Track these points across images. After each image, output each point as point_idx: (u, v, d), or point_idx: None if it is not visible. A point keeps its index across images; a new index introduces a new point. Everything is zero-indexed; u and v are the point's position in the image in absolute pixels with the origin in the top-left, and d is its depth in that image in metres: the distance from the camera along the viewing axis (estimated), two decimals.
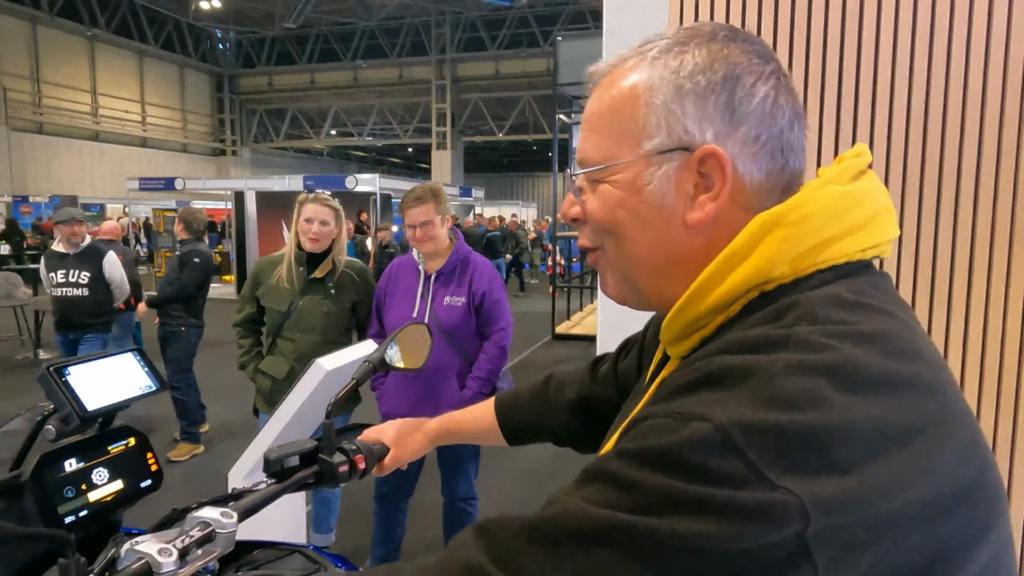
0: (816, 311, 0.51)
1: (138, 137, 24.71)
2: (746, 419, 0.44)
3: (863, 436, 0.44)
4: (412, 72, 26.46)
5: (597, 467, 0.49)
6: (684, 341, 0.61)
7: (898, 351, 0.49)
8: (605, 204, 0.62)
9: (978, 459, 0.49)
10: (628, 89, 0.61)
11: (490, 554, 0.49)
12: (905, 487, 0.44)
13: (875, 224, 0.57)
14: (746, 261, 0.55)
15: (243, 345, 2.71)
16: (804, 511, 0.41)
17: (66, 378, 0.91)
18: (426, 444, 1.20)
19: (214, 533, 0.91)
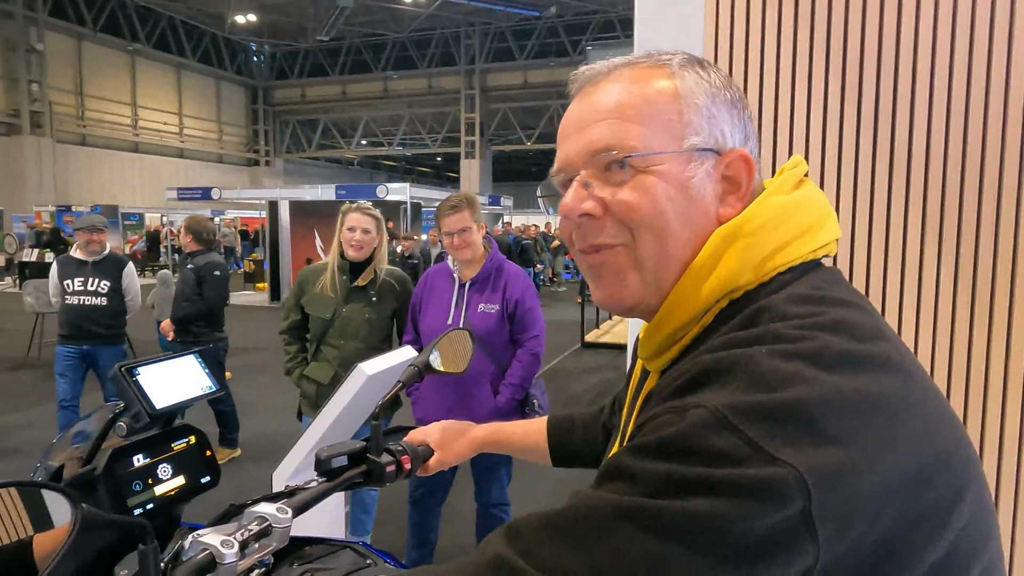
0: (784, 309, 0.55)
1: (175, 148, 25.38)
2: (737, 401, 0.48)
3: (846, 408, 0.47)
4: (441, 82, 26.75)
5: (609, 464, 0.52)
6: (663, 355, 0.64)
7: (866, 335, 0.53)
8: (652, 196, 0.61)
9: (947, 429, 0.52)
10: (666, 88, 0.63)
11: (516, 548, 0.51)
12: (889, 456, 0.47)
13: (821, 227, 0.62)
14: (713, 273, 0.59)
15: (289, 352, 2.79)
16: (804, 484, 0.44)
17: (136, 378, 0.97)
18: (471, 451, 1.23)
19: (270, 527, 0.95)
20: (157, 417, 0.97)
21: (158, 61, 24.37)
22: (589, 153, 0.64)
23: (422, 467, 1.21)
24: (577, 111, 0.67)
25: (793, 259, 0.60)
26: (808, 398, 0.47)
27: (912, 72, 1.71)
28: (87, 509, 0.63)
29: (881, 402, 0.49)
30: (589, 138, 0.64)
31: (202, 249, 4.43)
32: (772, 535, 0.45)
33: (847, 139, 1.75)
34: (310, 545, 1.13)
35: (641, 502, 0.47)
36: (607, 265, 0.65)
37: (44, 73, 20.02)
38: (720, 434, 0.46)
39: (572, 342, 8.99)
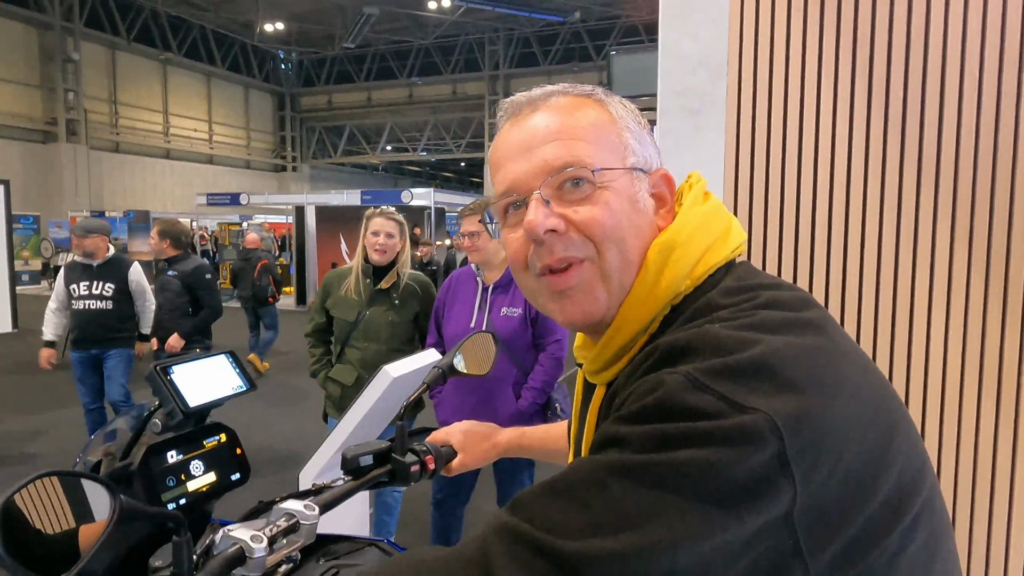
0: (722, 301, 0.61)
1: (205, 154, 25.87)
2: (705, 366, 0.53)
3: (799, 359, 0.54)
4: (466, 88, 26.91)
5: (598, 435, 0.56)
6: (611, 367, 0.67)
7: (796, 305, 0.60)
8: (611, 210, 0.65)
9: (875, 375, 0.59)
10: (602, 114, 0.69)
11: (520, 515, 0.54)
12: (840, 397, 0.53)
13: (733, 230, 0.70)
14: (659, 284, 0.65)
15: (314, 354, 2.84)
16: (776, 427, 0.49)
17: (171, 376, 1.00)
18: (495, 454, 1.25)
19: (298, 524, 0.98)
20: (190, 415, 1.00)
21: (189, 70, 24.89)
22: (544, 172, 0.66)
23: (445, 468, 1.22)
24: (518, 134, 0.69)
25: (719, 260, 0.66)
26: (765, 354, 0.53)
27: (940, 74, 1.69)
28: (125, 500, 0.66)
29: (825, 353, 0.56)
30: (542, 157, 0.66)
31: (181, 254, 4.23)
32: (753, 478, 0.49)
33: (874, 142, 1.74)
34: (336, 542, 1.15)
35: (631, 458, 0.51)
36: (579, 283, 0.66)
37: (80, 82, 20.56)
38: (694, 394, 0.51)
39: None
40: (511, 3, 20.62)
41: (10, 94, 19.26)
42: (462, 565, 0.55)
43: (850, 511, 0.52)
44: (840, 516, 0.51)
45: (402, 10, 22.18)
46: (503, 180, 0.70)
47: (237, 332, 8.12)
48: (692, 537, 0.48)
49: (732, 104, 1.87)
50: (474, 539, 0.56)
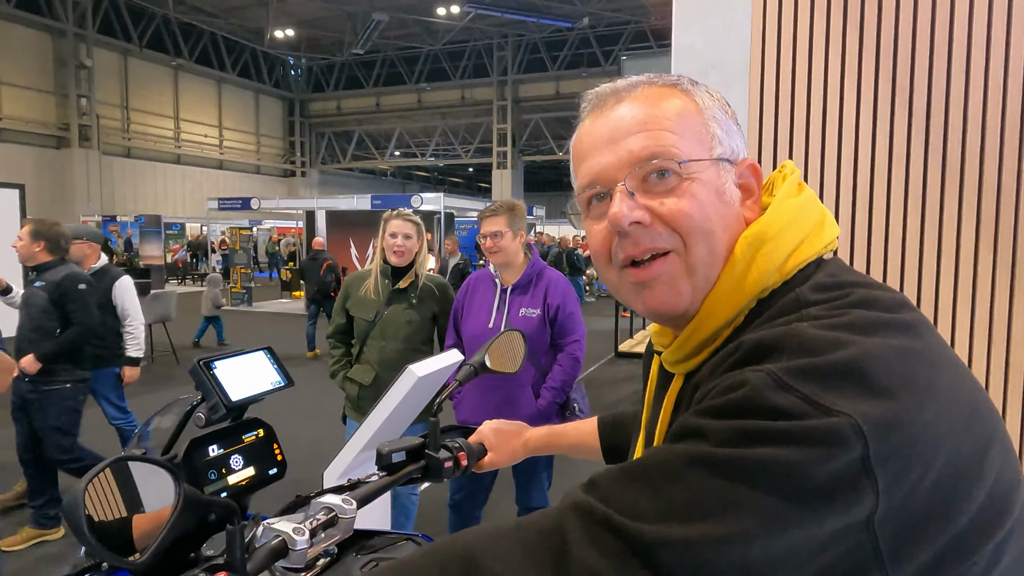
0: (814, 297, 0.60)
1: (215, 160, 26.06)
2: (790, 365, 0.52)
3: (891, 363, 0.51)
4: (474, 94, 27.01)
5: (678, 426, 0.56)
6: (693, 359, 0.67)
7: (891, 306, 0.58)
8: (699, 202, 0.64)
9: (971, 381, 0.57)
10: (690, 103, 0.67)
11: (595, 495, 0.55)
12: (933, 404, 0.51)
13: (825, 224, 0.67)
14: (746, 279, 0.63)
15: (334, 355, 2.87)
16: (860, 431, 0.48)
17: (213, 371, 1.02)
18: (525, 453, 1.26)
19: (336, 518, 0.99)
20: (232, 409, 1.02)
21: (200, 75, 25.11)
22: (630, 164, 0.65)
23: (476, 465, 1.24)
24: (603, 125, 0.68)
25: (810, 255, 0.64)
26: (855, 356, 0.51)
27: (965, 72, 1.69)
28: (188, 488, 0.67)
29: (920, 357, 0.53)
30: (627, 149, 0.65)
31: (55, 260, 3.40)
32: (834, 480, 0.48)
33: (897, 141, 1.74)
34: (371, 538, 1.16)
35: (712, 450, 0.51)
36: (662, 274, 0.65)
37: (92, 88, 20.77)
38: (778, 393, 0.50)
39: (606, 352, 8.96)
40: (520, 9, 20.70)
41: (24, 100, 19.48)
42: (536, 535, 0.55)
43: (939, 521, 0.50)
44: (927, 526, 0.50)
45: (411, 16, 22.30)
46: (587, 172, 0.69)
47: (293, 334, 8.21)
48: (766, 532, 0.48)
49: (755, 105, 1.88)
50: (548, 513, 0.57)
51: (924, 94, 1.72)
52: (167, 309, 7.89)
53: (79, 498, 0.54)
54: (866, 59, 1.76)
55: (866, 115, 1.77)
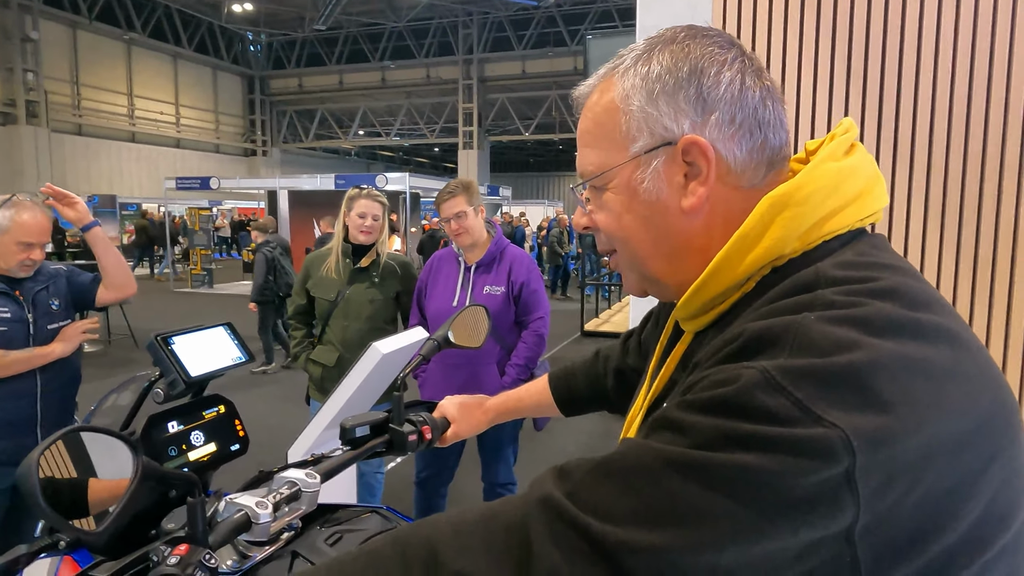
0: (834, 275, 0.55)
1: (172, 138, 25.28)
2: (788, 365, 0.49)
3: (896, 374, 0.48)
4: (439, 72, 26.65)
5: (660, 417, 0.54)
6: (700, 318, 0.66)
7: (916, 303, 0.53)
8: (610, 212, 0.68)
9: (991, 394, 0.52)
10: (607, 103, 0.66)
11: (564, 489, 0.53)
12: (933, 422, 0.48)
13: (869, 194, 0.62)
14: (760, 242, 0.60)
15: (295, 337, 2.84)
16: (849, 445, 0.45)
17: (172, 347, 1.01)
18: (486, 422, 1.27)
19: (300, 492, 0.99)
20: (192, 384, 1.01)
21: (154, 50, 24.22)
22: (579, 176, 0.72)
23: (440, 439, 1.25)
24: None
25: (841, 227, 0.60)
26: (858, 363, 0.48)
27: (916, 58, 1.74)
28: (146, 460, 0.67)
29: (929, 369, 0.49)
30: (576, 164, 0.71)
31: None
32: (815, 493, 0.46)
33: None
34: (335, 511, 1.17)
35: (690, 453, 0.49)
36: (619, 266, 0.73)
37: (39, 62, 19.88)
38: (769, 395, 0.48)
39: (572, 331, 9.05)
40: None
41: None
42: (501, 530, 0.54)
43: (925, 538, 0.48)
44: (912, 541, 0.48)
45: None
46: None
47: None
48: (738, 541, 0.47)
49: None
50: (515, 504, 0.55)
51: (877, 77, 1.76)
52: None
53: (32, 466, 0.54)
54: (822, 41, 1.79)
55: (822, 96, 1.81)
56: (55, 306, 2.21)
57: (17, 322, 2.10)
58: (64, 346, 2.15)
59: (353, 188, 2.80)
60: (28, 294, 2.15)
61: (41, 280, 2.20)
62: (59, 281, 2.26)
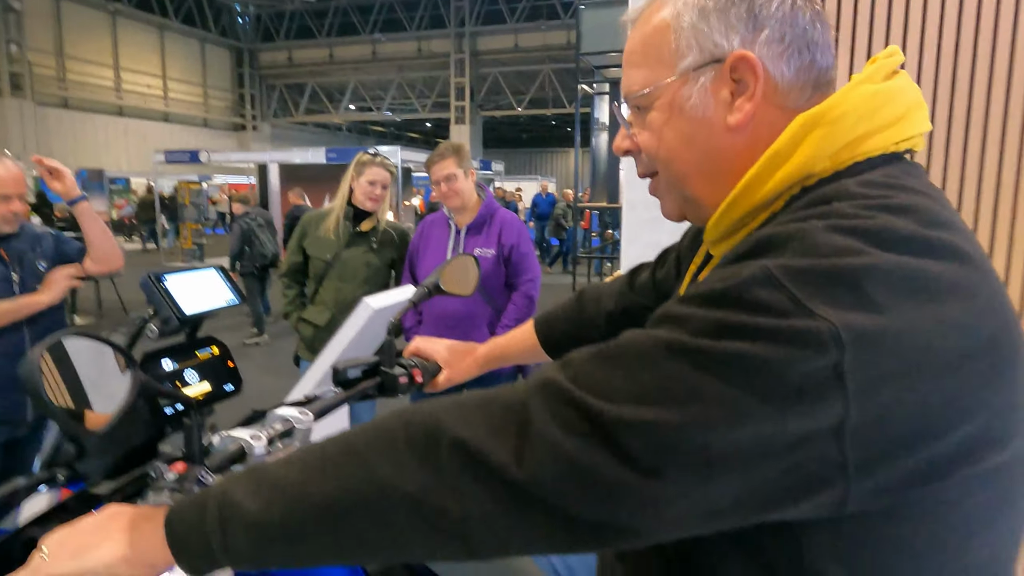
0: (853, 190, 0.57)
1: (160, 112, 24.93)
2: (789, 263, 0.51)
3: (892, 282, 0.49)
4: (431, 46, 26.32)
5: (662, 312, 0.56)
6: (730, 239, 0.68)
7: (931, 222, 0.54)
8: (654, 131, 0.68)
9: (991, 321, 0.52)
10: (658, 21, 0.67)
11: (567, 374, 0.55)
12: (927, 333, 0.49)
13: (908, 119, 0.62)
14: (790, 160, 0.60)
15: (288, 295, 2.86)
16: (839, 338, 0.47)
17: (164, 284, 1.02)
18: (477, 369, 1.30)
19: (293, 428, 1.02)
20: (185, 322, 1.03)
21: (140, 22, 23.77)
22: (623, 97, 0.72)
23: (431, 383, 1.28)
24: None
25: (875, 150, 0.60)
26: (859, 267, 0.49)
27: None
28: (143, 375, 0.69)
29: (930, 283, 0.50)
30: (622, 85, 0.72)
31: None
32: (804, 382, 0.48)
33: None
34: None
35: (687, 339, 0.51)
36: (657, 190, 0.74)
37: (23, 34, 19.50)
38: (767, 289, 0.50)
39: None
40: None
41: None
42: (502, 408, 0.56)
43: (913, 443, 0.50)
44: (900, 446, 0.50)
45: None
46: None
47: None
48: (728, 423, 0.49)
49: None
50: (517, 388, 0.58)
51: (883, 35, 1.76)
52: None
53: (35, 363, 0.56)
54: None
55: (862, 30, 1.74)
56: (42, 268, 2.21)
57: (3, 281, 2.10)
58: (50, 294, 2.15)
59: (364, 153, 2.80)
60: (13, 254, 2.15)
61: (27, 240, 2.20)
62: (46, 242, 2.25)
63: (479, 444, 0.54)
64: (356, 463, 0.58)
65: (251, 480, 0.61)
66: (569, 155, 32.08)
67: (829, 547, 0.55)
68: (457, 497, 0.54)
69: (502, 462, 0.53)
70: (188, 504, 0.61)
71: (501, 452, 0.53)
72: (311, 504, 0.57)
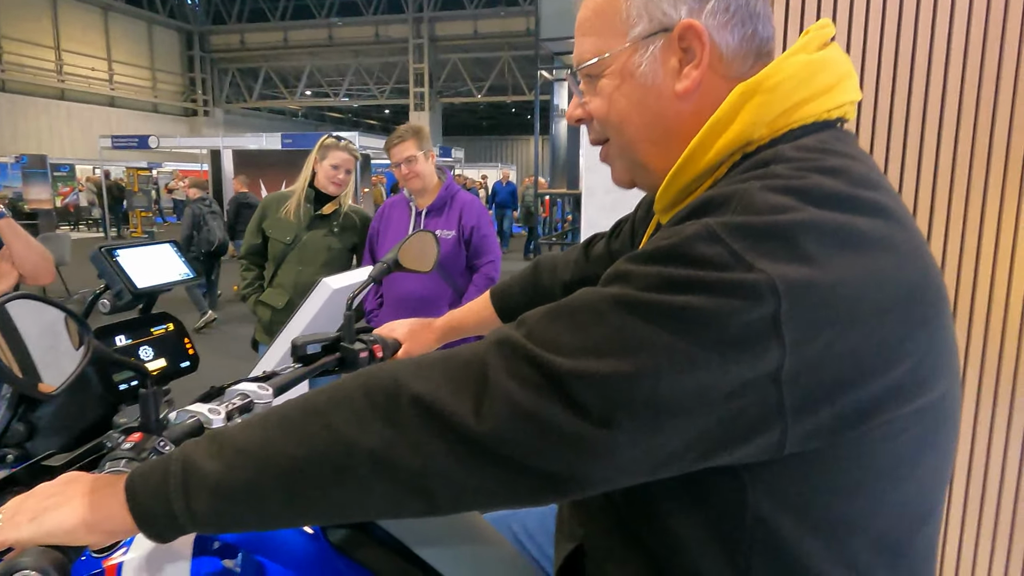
0: (789, 155, 0.60)
1: (106, 96, 24.00)
2: (729, 220, 0.54)
3: (824, 236, 0.53)
4: (389, 31, 25.91)
5: (612, 270, 0.59)
6: (676, 206, 0.70)
7: (859, 182, 0.58)
8: (605, 98, 0.71)
9: (919, 268, 0.57)
10: None
11: (521, 331, 0.58)
12: (858, 284, 0.53)
13: (839, 88, 0.66)
14: (730, 127, 0.63)
15: (246, 277, 2.81)
16: (775, 290, 0.51)
17: (116, 258, 1.00)
18: (435, 341, 1.31)
19: (252, 403, 1.02)
20: (139, 297, 1.01)
21: (82, 2, 22.79)
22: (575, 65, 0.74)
23: (392, 359, 1.28)
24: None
25: (808, 117, 0.63)
26: (790, 222, 0.53)
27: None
28: (96, 342, 0.68)
29: (858, 236, 0.54)
30: (574, 55, 0.75)
31: None
32: (744, 332, 0.51)
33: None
34: None
35: (635, 294, 0.54)
36: (608, 156, 0.76)
37: None
38: (708, 244, 0.53)
39: None
40: None
41: None
42: (460, 365, 0.58)
43: (845, 387, 0.53)
44: (834, 388, 0.53)
45: None
46: None
47: None
48: (674, 371, 0.51)
49: None
50: (475, 346, 0.60)
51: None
52: (61, 252, 7.39)
53: None
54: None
55: None
56: None
57: None
58: None
59: (328, 136, 2.77)
60: None
61: None
62: None
63: (438, 400, 0.56)
64: (318, 423, 0.58)
65: (212, 443, 0.61)
66: (529, 143, 32.08)
67: (770, 490, 0.58)
68: (418, 452, 0.55)
69: (461, 417, 0.55)
70: (148, 469, 0.61)
71: (460, 407, 0.55)
72: (275, 464, 0.58)
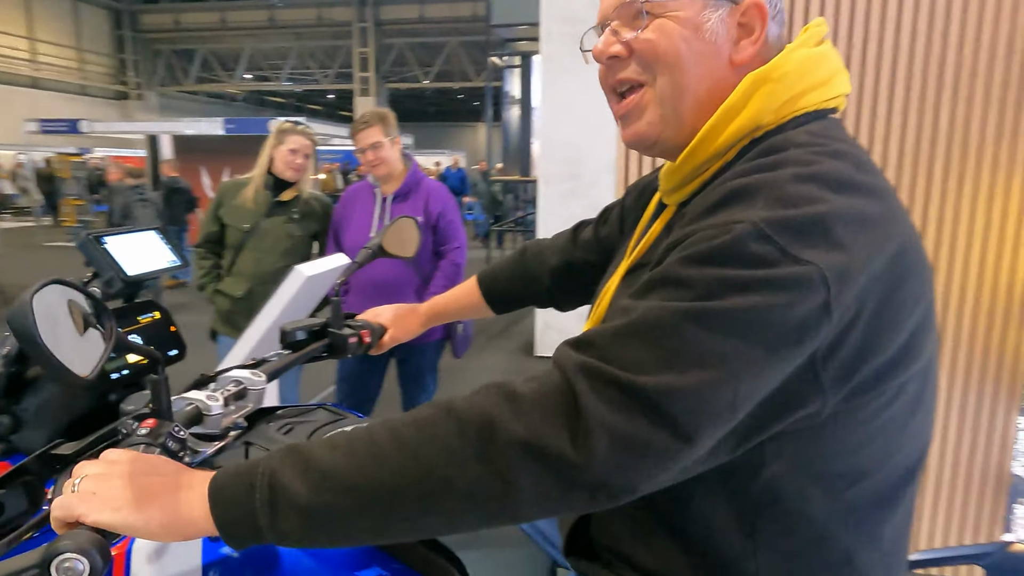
0: (801, 140, 0.66)
1: (27, 77, 22.64)
2: (770, 216, 0.58)
3: (849, 222, 0.59)
4: (332, 13, 25.27)
5: (660, 275, 0.61)
6: (685, 187, 0.75)
7: (862, 166, 0.65)
8: (668, 37, 0.71)
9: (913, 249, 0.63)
10: None
11: (593, 355, 0.59)
12: (877, 260, 0.59)
13: (835, 80, 0.72)
14: (741, 113, 0.68)
15: (203, 266, 2.74)
16: (824, 278, 0.56)
17: (105, 246, 0.98)
18: (419, 326, 1.33)
19: (246, 390, 1.02)
20: (129, 284, 1.00)
21: None
22: (619, 4, 0.74)
23: (378, 344, 1.30)
24: None
25: (809, 105, 0.69)
26: (823, 213, 0.58)
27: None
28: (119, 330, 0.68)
29: (873, 219, 0.60)
30: None
31: None
32: (804, 320, 0.56)
33: None
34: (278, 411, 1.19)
35: (699, 305, 0.57)
36: (640, 102, 0.74)
37: None
38: (759, 243, 0.57)
39: None
40: None
41: None
42: (550, 398, 0.58)
43: (867, 355, 0.59)
44: (863, 358, 0.59)
45: None
46: (598, 12, 0.77)
47: None
48: (751, 374, 0.56)
49: None
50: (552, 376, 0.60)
51: None
52: None
53: (27, 306, 0.54)
54: None
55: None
56: None
57: None
58: None
59: (284, 122, 2.72)
60: None
61: None
62: None
63: (535, 437, 0.57)
64: (409, 455, 0.59)
65: (296, 462, 0.61)
66: (477, 129, 31.90)
67: (785, 456, 0.63)
68: (515, 486, 0.57)
69: (559, 450, 0.56)
70: (232, 478, 0.62)
71: (557, 441, 0.57)
72: (365, 493, 0.59)
